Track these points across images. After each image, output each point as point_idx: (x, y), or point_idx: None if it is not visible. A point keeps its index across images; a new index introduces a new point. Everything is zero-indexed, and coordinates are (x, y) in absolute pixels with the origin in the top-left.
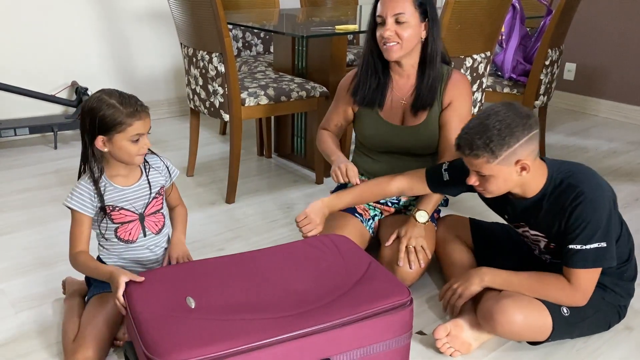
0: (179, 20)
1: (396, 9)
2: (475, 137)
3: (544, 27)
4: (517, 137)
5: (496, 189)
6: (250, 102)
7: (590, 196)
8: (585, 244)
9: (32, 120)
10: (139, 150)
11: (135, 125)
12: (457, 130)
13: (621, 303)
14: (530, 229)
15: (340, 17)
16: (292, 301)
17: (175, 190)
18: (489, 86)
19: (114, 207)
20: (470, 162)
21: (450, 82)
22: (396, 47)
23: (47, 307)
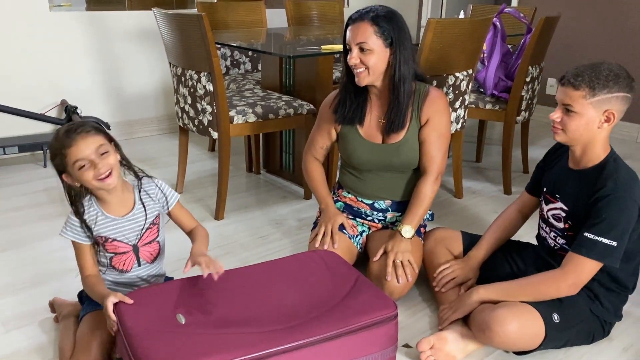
0: (168, 41)
1: (358, 38)
2: (585, 71)
3: (524, 45)
4: (619, 87)
5: (575, 128)
6: (239, 120)
7: (621, 194)
8: (600, 235)
9: (22, 139)
10: (94, 175)
11: (70, 153)
12: (437, 145)
13: (607, 319)
14: (561, 201)
15: (326, 36)
16: (281, 315)
17: (185, 212)
18: (472, 102)
19: (106, 239)
20: (566, 93)
21: (428, 99)
22: (364, 74)
23: (38, 326)
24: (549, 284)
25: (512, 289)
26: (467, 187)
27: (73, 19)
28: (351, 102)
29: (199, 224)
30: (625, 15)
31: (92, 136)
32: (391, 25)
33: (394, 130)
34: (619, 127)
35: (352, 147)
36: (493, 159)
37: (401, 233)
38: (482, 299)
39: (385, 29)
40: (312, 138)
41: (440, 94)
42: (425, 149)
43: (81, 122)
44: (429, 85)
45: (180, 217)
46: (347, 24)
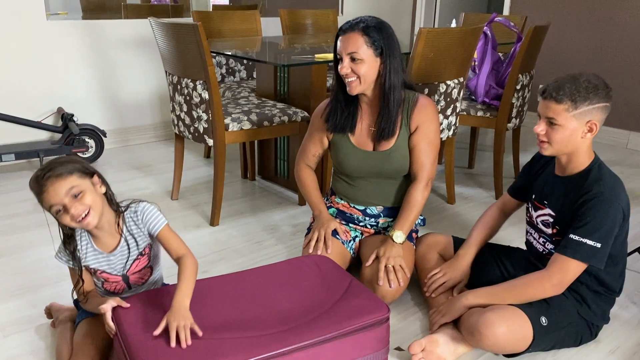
0: (164, 49)
1: (349, 48)
2: (565, 84)
3: (514, 53)
4: (598, 98)
5: (560, 139)
6: (234, 127)
7: (606, 197)
8: (584, 237)
9: (18, 147)
10: (71, 218)
11: (43, 200)
12: (426, 152)
13: (595, 322)
14: (549, 207)
15: (321, 44)
16: (275, 320)
17: (173, 239)
18: (463, 110)
19: (95, 270)
20: (548, 107)
21: (417, 107)
22: (355, 83)
23: (35, 331)
24: (535, 285)
25: (499, 292)
26: (459, 193)
27: (70, 27)
28: (342, 110)
29: (187, 253)
30: (613, 23)
31: (61, 180)
32: (381, 35)
33: (384, 138)
34: (609, 133)
35: (344, 154)
36: (485, 165)
37: (392, 238)
38: (470, 303)
39: (375, 38)
40: (304, 146)
41: (429, 101)
42: (415, 156)
43: (53, 163)
44: (418, 94)
45: (167, 243)
46: (338, 35)
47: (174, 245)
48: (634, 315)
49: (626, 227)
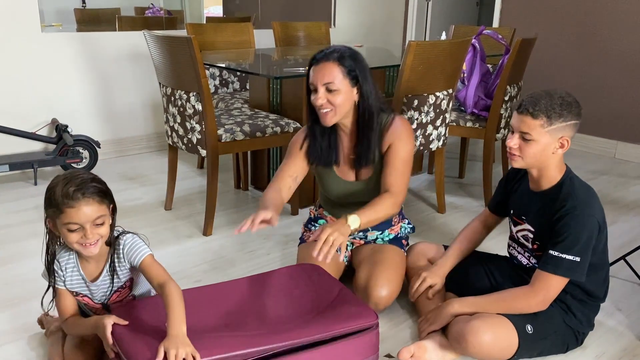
0: (158, 62)
1: (325, 79)
2: (541, 100)
3: (502, 65)
4: (572, 116)
5: (532, 154)
6: (227, 138)
7: (580, 212)
8: (563, 252)
9: (12, 157)
10: (78, 240)
11: (66, 213)
12: (399, 170)
13: (580, 330)
14: (527, 222)
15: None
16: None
17: (154, 266)
18: (453, 121)
19: (77, 293)
20: (523, 122)
21: (389, 130)
22: (330, 114)
23: (28, 341)
24: (520, 300)
25: (485, 303)
26: (449, 202)
27: (64, 39)
28: (321, 143)
29: (169, 280)
30: (599, 35)
31: (95, 204)
32: (355, 64)
33: (363, 166)
34: (597, 143)
35: (328, 184)
36: (475, 175)
37: (347, 218)
38: (456, 312)
39: (350, 67)
40: (281, 169)
41: (402, 121)
42: (386, 174)
43: (85, 178)
44: (393, 115)
45: (147, 273)
46: (311, 65)
47: (154, 273)
48: (619, 321)
49: (604, 236)
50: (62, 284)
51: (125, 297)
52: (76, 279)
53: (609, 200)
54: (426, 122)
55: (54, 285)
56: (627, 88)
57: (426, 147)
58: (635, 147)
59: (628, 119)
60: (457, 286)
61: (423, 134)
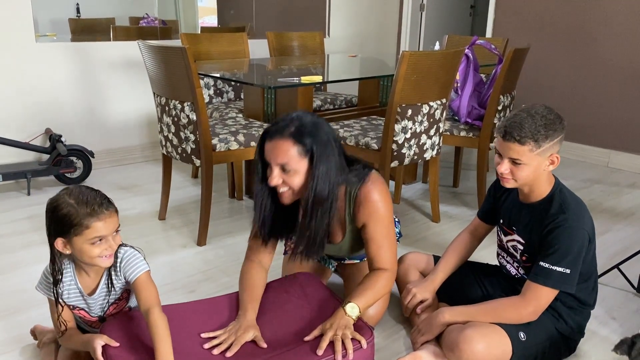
0: (152, 72)
1: (279, 159)
2: (524, 123)
3: (495, 75)
4: (557, 133)
5: (525, 176)
6: (221, 148)
7: (570, 224)
8: (554, 264)
9: (6, 167)
10: (101, 252)
11: (93, 227)
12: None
13: (572, 336)
14: (516, 233)
15: (307, 66)
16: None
17: (148, 287)
18: (447, 130)
19: (74, 307)
20: (511, 149)
21: (358, 203)
22: (288, 193)
23: (21, 353)
24: (511, 310)
25: (476, 313)
26: (444, 212)
27: (59, 49)
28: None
29: (157, 306)
30: (592, 45)
31: (115, 215)
32: (314, 140)
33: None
34: (591, 152)
35: None
36: (470, 184)
37: (345, 310)
38: (447, 321)
39: (307, 145)
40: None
41: (370, 189)
42: (372, 253)
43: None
44: (360, 183)
45: (139, 292)
46: (264, 138)
47: (144, 295)
48: (613, 330)
49: (592, 247)
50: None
51: (122, 309)
52: (73, 292)
53: (602, 209)
54: (420, 132)
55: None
56: (620, 97)
57: (420, 157)
58: (629, 156)
59: (621, 128)
60: (448, 296)
61: (417, 143)
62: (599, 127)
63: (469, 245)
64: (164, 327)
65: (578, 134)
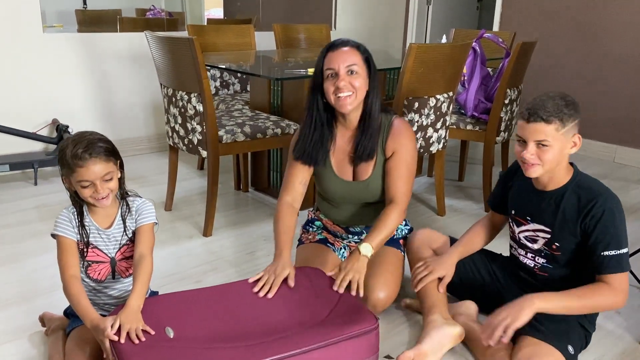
0: (159, 62)
1: (349, 61)
2: (546, 104)
3: (503, 68)
4: (578, 113)
5: (551, 159)
6: (228, 139)
7: (610, 205)
8: (618, 249)
9: (13, 157)
10: (91, 194)
11: (77, 172)
12: (404, 177)
13: (590, 330)
14: (534, 222)
15: (313, 58)
16: (264, 331)
17: (149, 236)
18: (453, 123)
19: (89, 244)
20: (537, 130)
21: (392, 131)
22: (351, 98)
23: (28, 339)
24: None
25: (569, 303)
26: (449, 205)
27: (66, 40)
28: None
29: (149, 255)
30: (599, 39)
31: (102, 162)
32: (369, 55)
33: (364, 160)
34: (597, 147)
35: (326, 184)
36: (475, 178)
37: (360, 250)
38: (538, 309)
39: (366, 55)
40: (288, 176)
41: (405, 124)
42: (391, 181)
43: (91, 139)
44: (393, 117)
45: (141, 237)
46: (328, 50)
47: (145, 240)
48: (618, 324)
49: None
50: (73, 235)
51: (130, 257)
52: (87, 225)
53: None
54: (426, 125)
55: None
56: (627, 92)
57: (426, 150)
58: (635, 151)
59: (628, 123)
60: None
61: (423, 136)
62: (606, 122)
63: (490, 232)
64: (149, 274)
65: (584, 128)
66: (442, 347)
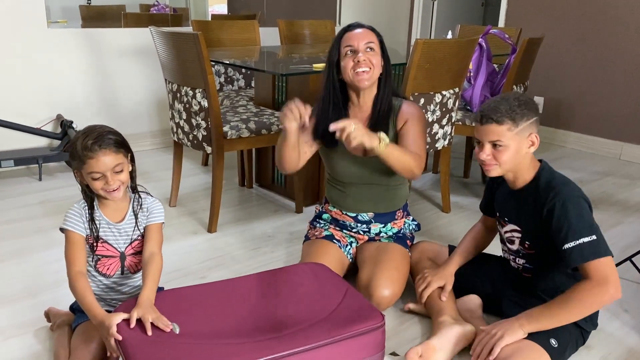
0: (164, 58)
1: (367, 39)
2: (499, 106)
3: (509, 65)
4: (532, 112)
5: (507, 159)
6: (232, 135)
7: (566, 196)
8: (577, 239)
9: (17, 153)
10: (102, 186)
11: (88, 163)
12: (418, 139)
13: (587, 328)
14: (510, 223)
15: (318, 54)
16: (270, 326)
17: (158, 235)
18: (459, 120)
19: (99, 238)
20: (491, 131)
21: (401, 110)
22: (368, 74)
23: (33, 335)
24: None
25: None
26: (454, 202)
27: (70, 35)
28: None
29: (159, 253)
30: (606, 36)
31: (113, 154)
32: (382, 37)
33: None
34: (603, 145)
35: (335, 159)
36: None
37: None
38: (529, 331)
39: (381, 38)
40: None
41: (414, 104)
42: (406, 142)
43: (101, 131)
44: (403, 100)
45: (150, 236)
46: (345, 32)
47: (155, 238)
48: (625, 322)
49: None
50: (82, 230)
51: (140, 251)
52: (97, 220)
53: (614, 202)
54: (432, 121)
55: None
56: (633, 89)
57: (432, 146)
58: None
59: (634, 120)
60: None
61: (429, 132)
62: (612, 119)
63: (485, 236)
64: (159, 270)
65: (590, 125)
66: (453, 345)
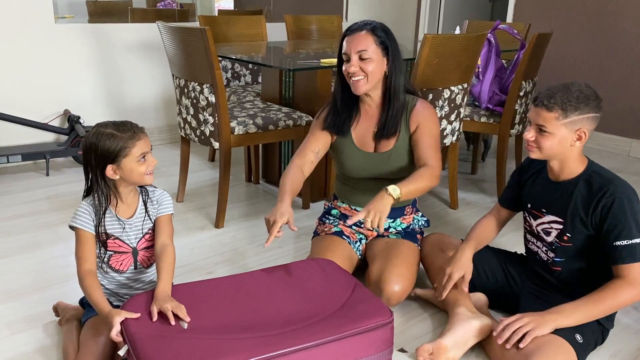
0: (172, 53)
1: (359, 47)
2: (557, 93)
3: (518, 60)
4: (589, 108)
5: (549, 146)
6: (240, 131)
7: (621, 194)
8: (631, 238)
9: (25, 148)
10: (147, 168)
11: (137, 145)
12: (432, 146)
13: (607, 326)
14: (549, 214)
15: (325, 50)
16: (278, 322)
17: (169, 226)
18: (467, 116)
19: (110, 235)
20: (539, 114)
21: (415, 109)
22: (362, 82)
23: (42, 329)
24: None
25: (590, 311)
26: (462, 198)
27: (77, 31)
28: (340, 112)
29: (171, 244)
30: (616, 31)
31: (147, 136)
32: (387, 36)
33: (386, 136)
34: (612, 141)
35: (345, 155)
36: (488, 171)
37: (387, 189)
38: (562, 326)
39: (382, 39)
40: (304, 143)
41: (428, 105)
42: (420, 150)
43: (127, 121)
44: (417, 98)
45: (161, 227)
46: (345, 35)
47: (166, 230)
48: (635, 320)
49: None
50: (92, 228)
51: (152, 246)
52: (109, 219)
53: None
54: (440, 117)
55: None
56: None
57: (440, 143)
58: None
59: None
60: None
61: None
62: (621, 115)
63: (494, 229)
64: (173, 260)
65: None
66: (466, 342)
